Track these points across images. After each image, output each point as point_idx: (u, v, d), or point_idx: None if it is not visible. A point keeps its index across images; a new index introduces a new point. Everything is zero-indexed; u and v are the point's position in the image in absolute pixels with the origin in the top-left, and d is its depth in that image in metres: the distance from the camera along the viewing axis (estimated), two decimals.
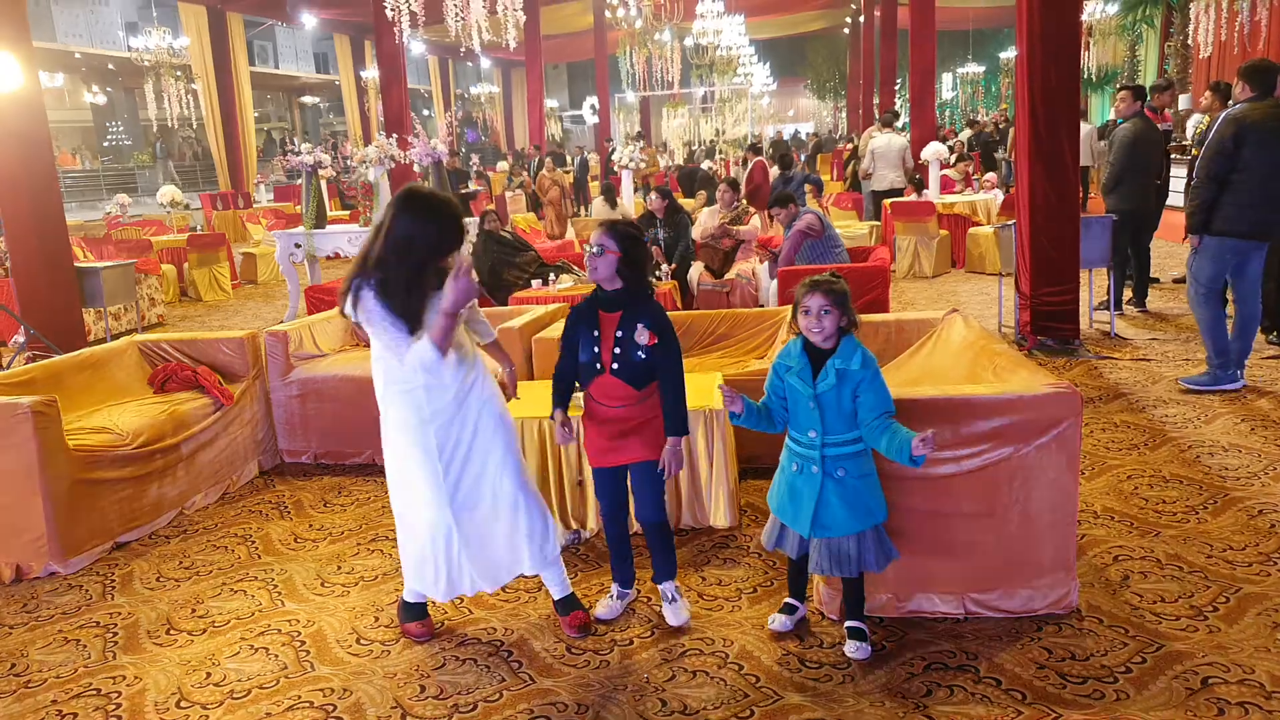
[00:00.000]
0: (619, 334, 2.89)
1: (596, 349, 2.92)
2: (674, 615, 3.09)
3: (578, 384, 3.05)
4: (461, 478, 2.92)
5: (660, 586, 3.15)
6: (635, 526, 3.34)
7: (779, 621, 3.00)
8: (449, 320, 2.70)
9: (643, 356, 2.89)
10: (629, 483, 3.10)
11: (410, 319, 2.76)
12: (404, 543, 3.06)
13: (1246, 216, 5.08)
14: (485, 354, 3.17)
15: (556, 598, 3.16)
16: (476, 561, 3.00)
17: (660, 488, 3.05)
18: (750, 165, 12.65)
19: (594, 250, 2.88)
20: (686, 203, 10.55)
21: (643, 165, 13.62)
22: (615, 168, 13.57)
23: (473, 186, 13.83)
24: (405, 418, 2.90)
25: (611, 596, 3.22)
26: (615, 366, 2.90)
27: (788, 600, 3.05)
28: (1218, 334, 5.22)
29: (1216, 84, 7.39)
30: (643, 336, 2.86)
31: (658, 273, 7.25)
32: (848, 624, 2.91)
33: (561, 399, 3.09)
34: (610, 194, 12.06)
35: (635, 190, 12.96)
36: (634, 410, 2.95)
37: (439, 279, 2.75)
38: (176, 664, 3.06)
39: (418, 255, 2.75)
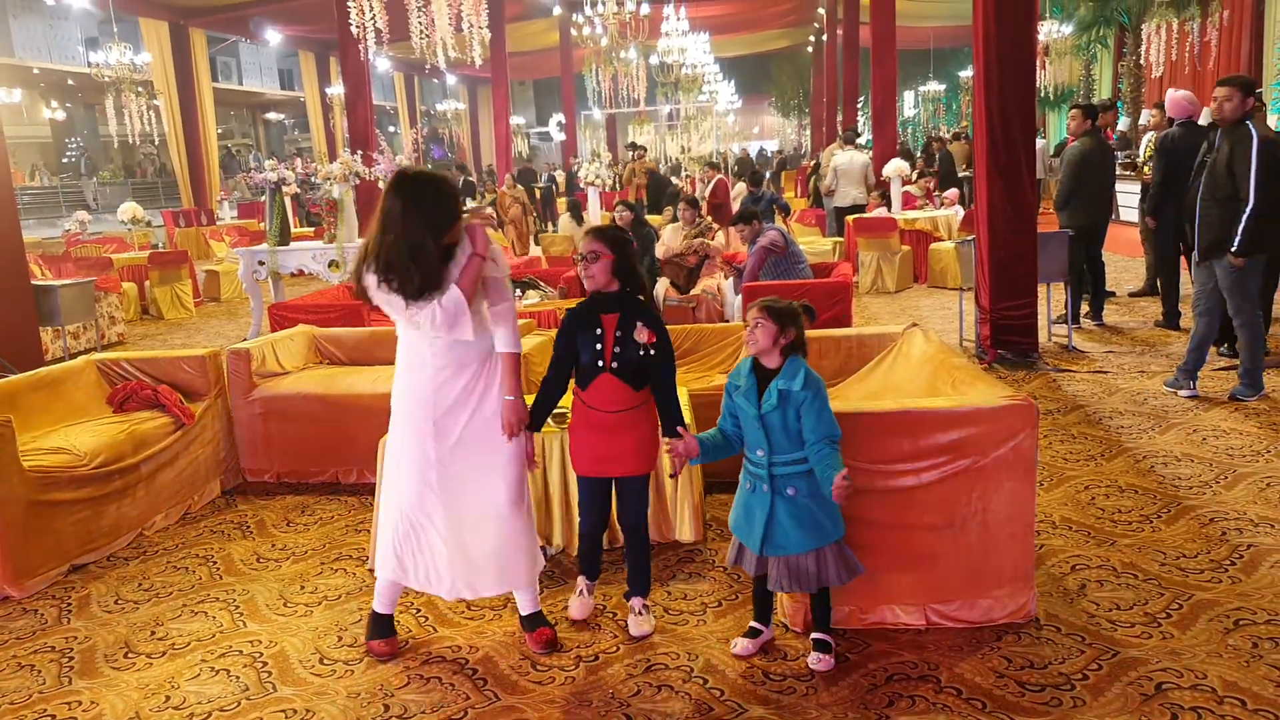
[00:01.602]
0: (618, 333, 2.97)
1: (599, 347, 2.98)
2: (636, 626, 3.13)
3: (575, 387, 3.09)
4: (450, 469, 2.94)
5: (630, 601, 3.19)
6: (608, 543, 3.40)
7: (741, 645, 2.98)
8: (476, 263, 2.85)
9: (642, 354, 2.97)
10: (613, 491, 3.17)
11: (415, 295, 2.80)
12: (382, 525, 3.09)
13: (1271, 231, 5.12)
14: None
15: (525, 613, 3.16)
16: (455, 564, 3.00)
17: (646, 497, 3.16)
18: (712, 183, 12.74)
19: (588, 257, 2.96)
20: (653, 218, 10.60)
21: (608, 182, 13.65)
22: (581, 184, 13.60)
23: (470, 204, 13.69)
24: (408, 396, 2.96)
25: (580, 592, 3.28)
26: (615, 365, 2.97)
27: (752, 624, 3.04)
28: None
29: (1161, 102, 7.60)
30: (642, 335, 2.95)
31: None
32: (813, 635, 2.93)
33: (540, 418, 3.10)
34: (576, 210, 12.10)
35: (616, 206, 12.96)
36: (628, 416, 3.00)
37: (443, 255, 2.84)
38: (135, 688, 3.01)
39: (415, 233, 2.79)
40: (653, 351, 2.98)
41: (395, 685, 2.93)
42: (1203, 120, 6.90)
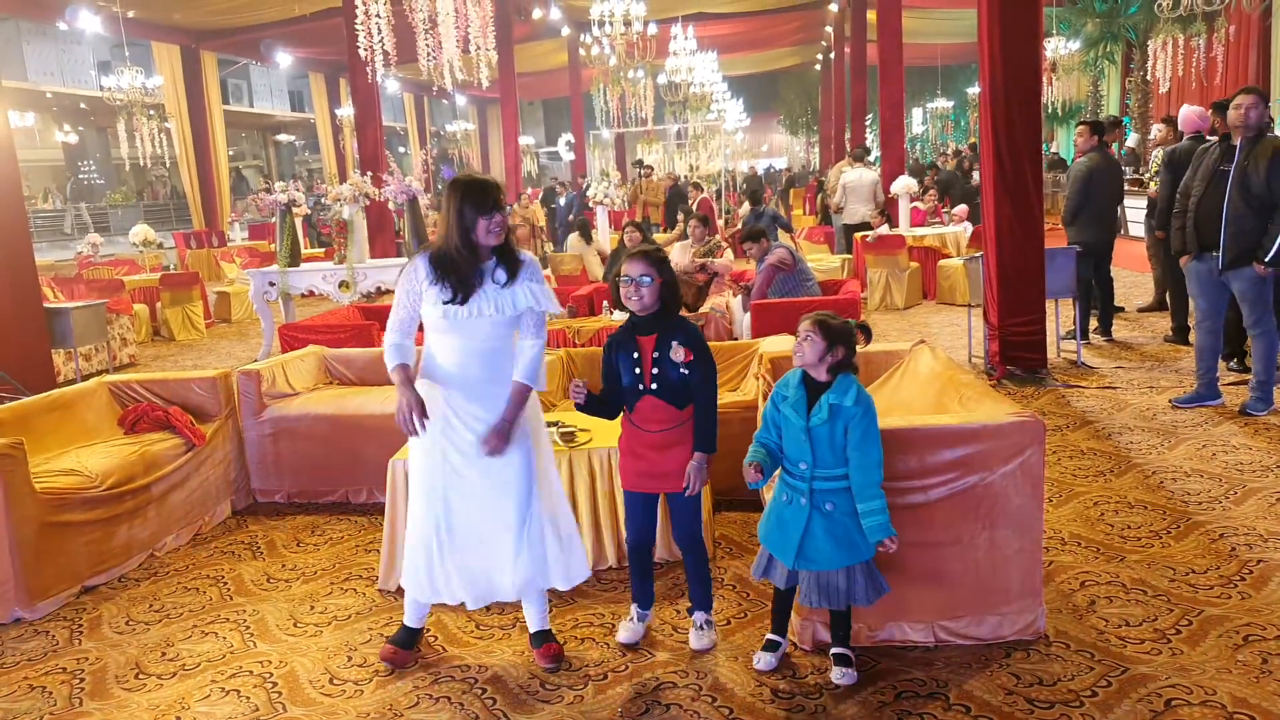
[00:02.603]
0: (655, 354, 3.00)
1: (638, 370, 3.01)
2: (697, 640, 3.15)
3: (624, 408, 3.11)
4: (461, 481, 2.98)
5: (693, 615, 3.20)
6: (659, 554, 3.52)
7: (764, 660, 2.99)
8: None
9: (680, 374, 2.98)
10: (660, 508, 3.20)
11: (457, 286, 2.93)
12: (406, 537, 3.13)
13: None
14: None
15: (534, 629, 3.18)
16: (461, 570, 3.03)
17: (698, 512, 3.13)
18: (695, 202, 12.80)
19: (641, 281, 2.96)
20: (659, 237, 10.64)
21: (617, 201, 13.71)
22: (590, 203, 13.66)
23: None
24: (429, 403, 2.98)
25: (631, 619, 3.26)
26: (655, 386, 2.99)
27: (770, 637, 3.04)
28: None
29: (1168, 117, 7.61)
30: (678, 354, 2.95)
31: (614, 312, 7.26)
32: (834, 651, 2.93)
33: (607, 409, 3.15)
34: (585, 229, 12.13)
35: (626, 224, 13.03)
36: (673, 434, 3.01)
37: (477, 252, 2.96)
38: (145, 709, 3.02)
39: (464, 224, 2.92)
40: (688, 370, 2.97)
41: (404, 705, 2.94)
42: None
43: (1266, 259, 5.07)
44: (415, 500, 3.08)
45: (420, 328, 3.07)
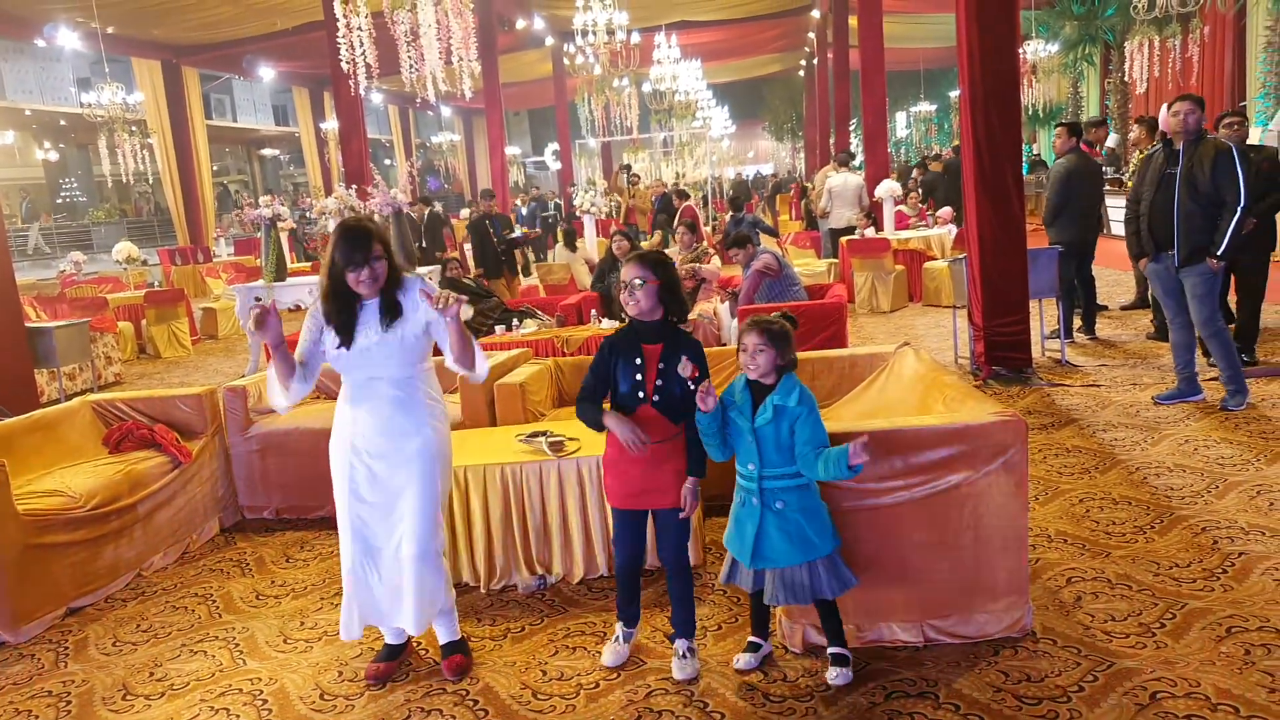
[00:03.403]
0: (661, 365, 2.91)
1: (640, 377, 2.92)
2: (680, 670, 3.03)
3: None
4: (365, 518, 3.07)
5: (675, 643, 3.09)
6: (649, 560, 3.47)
7: (744, 660, 3.02)
8: None
9: (683, 389, 2.91)
10: (650, 525, 3.13)
11: (340, 331, 3.00)
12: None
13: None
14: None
15: (443, 642, 3.21)
16: (363, 597, 3.11)
17: (686, 533, 3.04)
18: (680, 209, 12.84)
19: (635, 283, 2.89)
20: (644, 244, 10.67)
21: (604, 210, 13.72)
22: (577, 212, 13.68)
23: (518, 231, 13.48)
24: (335, 439, 3.13)
25: (617, 640, 3.17)
26: (657, 399, 2.91)
27: (751, 639, 3.07)
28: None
29: (1142, 118, 7.73)
30: (685, 369, 2.86)
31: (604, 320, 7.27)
32: (831, 650, 2.94)
33: (598, 412, 2.97)
34: (571, 238, 12.15)
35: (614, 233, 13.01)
36: (667, 447, 2.93)
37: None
38: None
39: (334, 273, 2.97)
40: (694, 385, 2.89)
41: (397, 718, 2.93)
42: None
43: (1219, 253, 5.23)
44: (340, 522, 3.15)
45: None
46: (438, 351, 3.14)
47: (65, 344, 7.83)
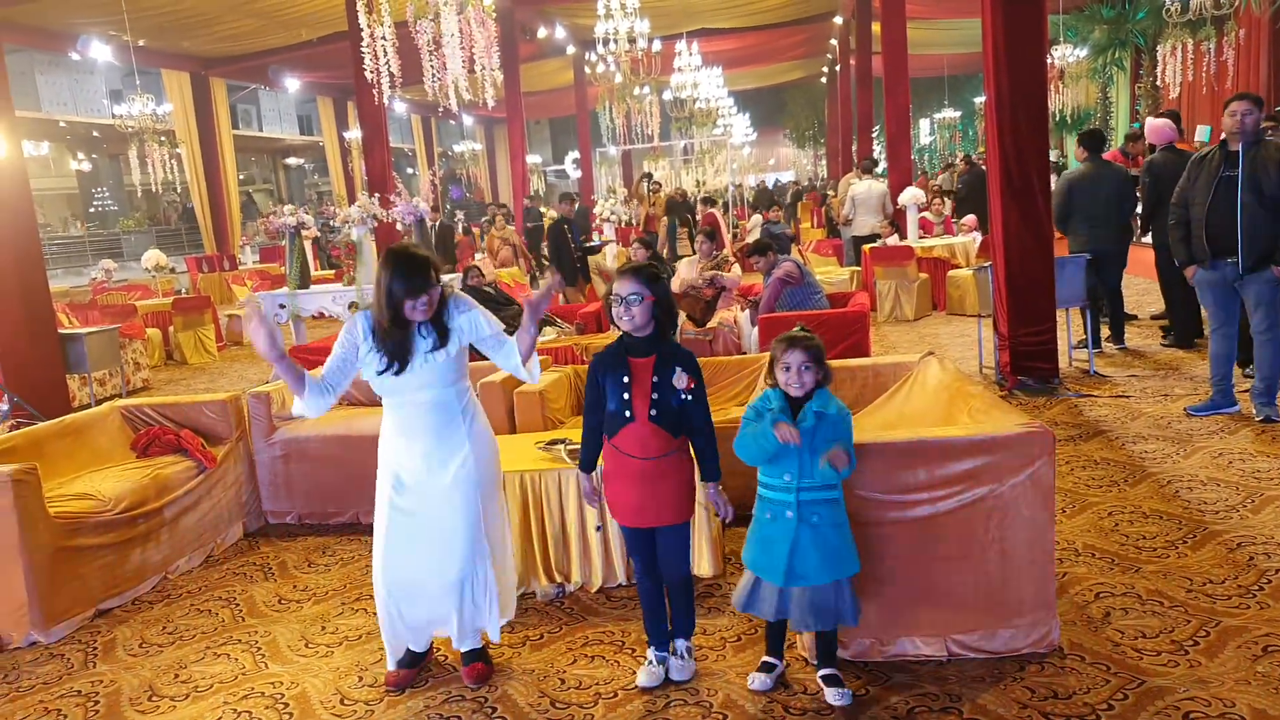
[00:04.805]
0: (655, 379, 2.84)
1: (627, 396, 2.85)
2: (678, 671, 3.04)
3: (605, 435, 2.95)
4: (414, 538, 3.04)
5: (675, 642, 3.08)
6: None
7: (758, 681, 2.96)
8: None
9: (681, 400, 2.86)
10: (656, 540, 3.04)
11: (392, 357, 2.95)
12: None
13: None
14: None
15: (465, 649, 3.21)
16: (408, 618, 3.12)
17: (687, 545, 3.03)
18: (702, 216, 12.83)
19: (631, 299, 2.83)
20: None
21: (624, 218, 13.74)
22: (597, 220, 13.70)
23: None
24: (380, 458, 3.11)
25: (650, 662, 3.06)
26: (654, 413, 2.84)
27: (766, 659, 3.02)
28: None
29: (1131, 134, 7.77)
30: (681, 380, 2.83)
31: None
32: (821, 673, 2.90)
33: (591, 458, 3.05)
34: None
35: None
36: (665, 463, 2.87)
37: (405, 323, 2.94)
38: None
39: (393, 302, 2.91)
40: (690, 397, 2.86)
41: None
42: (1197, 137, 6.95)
43: None
44: (375, 554, 3.12)
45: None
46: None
47: (96, 350, 7.92)
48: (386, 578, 3.07)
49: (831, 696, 2.83)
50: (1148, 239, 8.03)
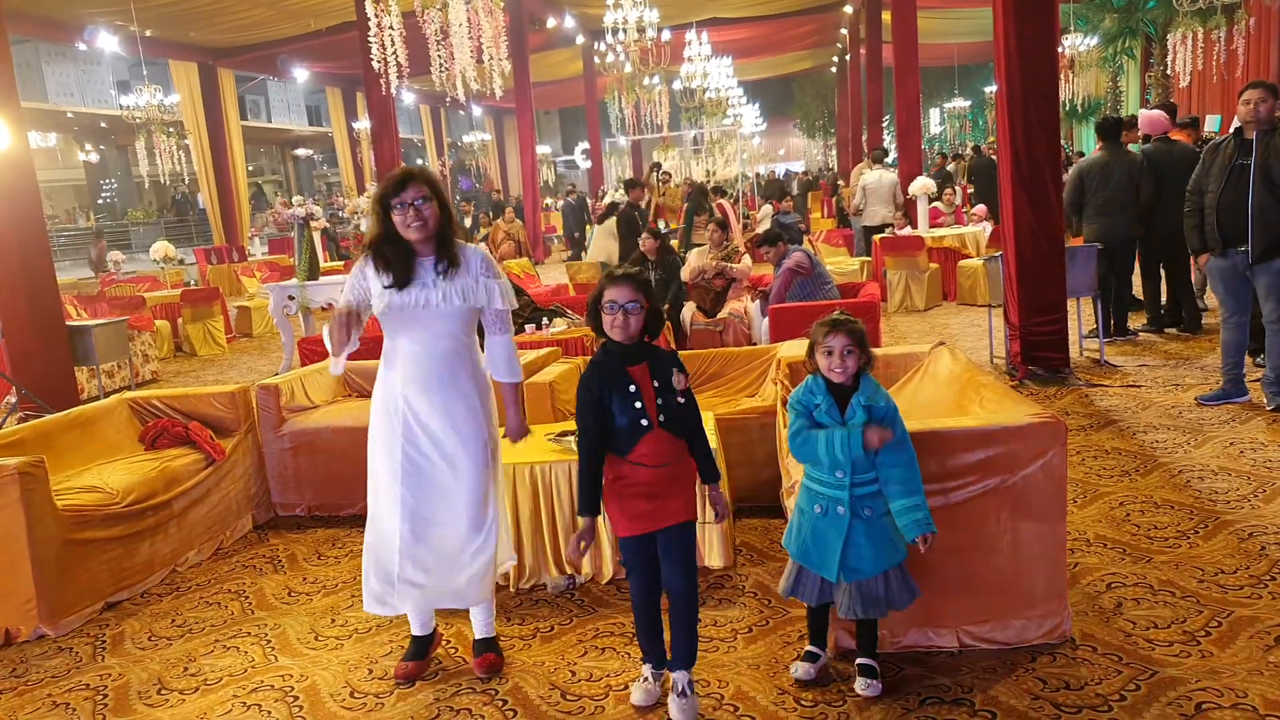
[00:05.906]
0: (656, 384, 2.74)
1: (639, 405, 2.70)
2: (678, 709, 2.75)
3: (619, 453, 2.75)
4: (421, 476, 3.01)
5: (674, 675, 2.82)
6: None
7: (802, 670, 2.92)
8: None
9: (679, 402, 2.78)
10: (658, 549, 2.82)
11: (395, 273, 2.98)
12: (365, 547, 3.13)
13: None
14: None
15: (477, 638, 3.19)
16: (416, 564, 3.02)
17: (695, 549, 2.92)
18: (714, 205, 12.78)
19: (630, 306, 2.69)
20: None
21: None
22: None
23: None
24: (387, 404, 3.06)
25: (646, 679, 2.90)
26: (663, 419, 2.72)
27: (809, 649, 2.97)
28: None
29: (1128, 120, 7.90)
30: (679, 381, 2.76)
31: None
32: (860, 661, 2.88)
33: (592, 500, 2.77)
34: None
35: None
36: (676, 468, 2.77)
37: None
38: None
39: (384, 202, 2.97)
40: (684, 400, 2.78)
41: (425, 718, 2.93)
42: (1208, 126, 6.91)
43: None
44: (376, 500, 3.10)
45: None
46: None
47: (104, 342, 7.94)
48: (399, 516, 3.00)
49: (859, 685, 2.82)
50: None
